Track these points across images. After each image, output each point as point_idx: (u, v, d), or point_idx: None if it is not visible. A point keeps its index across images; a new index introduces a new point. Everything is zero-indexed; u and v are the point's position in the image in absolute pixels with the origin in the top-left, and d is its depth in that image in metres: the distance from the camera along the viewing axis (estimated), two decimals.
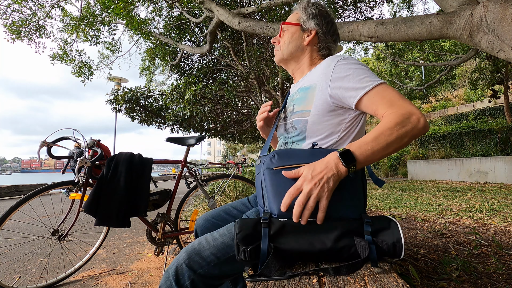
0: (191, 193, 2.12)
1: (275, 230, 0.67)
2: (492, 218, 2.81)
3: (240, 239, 0.66)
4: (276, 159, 0.76)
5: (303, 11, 1.02)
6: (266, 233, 0.66)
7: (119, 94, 7.33)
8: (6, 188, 7.13)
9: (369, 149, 0.67)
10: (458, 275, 1.35)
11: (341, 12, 6.49)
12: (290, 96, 1.02)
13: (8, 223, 1.62)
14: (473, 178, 7.30)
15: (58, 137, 1.78)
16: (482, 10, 1.55)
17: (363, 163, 0.68)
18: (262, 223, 0.68)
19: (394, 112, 0.70)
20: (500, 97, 10.28)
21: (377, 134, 0.68)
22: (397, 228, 0.67)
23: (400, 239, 0.66)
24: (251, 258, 0.65)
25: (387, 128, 0.68)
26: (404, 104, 0.72)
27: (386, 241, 0.66)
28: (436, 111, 17.86)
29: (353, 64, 0.83)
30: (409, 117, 0.69)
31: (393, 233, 0.67)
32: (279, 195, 0.70)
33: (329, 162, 0.67)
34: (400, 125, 0.68)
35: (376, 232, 0.67)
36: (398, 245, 0.65)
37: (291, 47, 1.02)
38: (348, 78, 0.80)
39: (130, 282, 1.88)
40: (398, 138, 0.68)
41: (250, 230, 0.67)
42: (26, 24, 5.72)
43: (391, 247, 0.65)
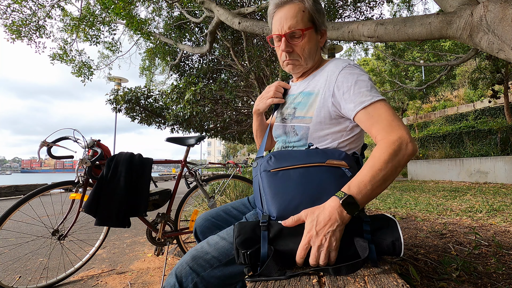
0: (191, 193, 2.12)
1: (274, 232, 0.67)
2: (492, 218, 2.81)
3: (239, 243, 0.66)
4: (272, 161, 0.76)
5: (314, 7, 0.88)
6: (266, 236, 0.66)
7: (119, 94, 7.33)
8: (6, 188, 7.13)
9: (368, 190, 0.66)
10: (458, 275, 1.35)
11: (341, 12, 6.49)
12: (290, 96, 0.99)
13: (8, 223, 1.62)
14: (473, 178, 7.30)
15: (58, 137, 1.78)
16: (482, 10, 1.55)
17: (363, 204, 0.67)
18: (261, 226, 0.67)
19: (386, 141, 0.70)
20: (500, 97, 10.28)
21: (374, 172, 0.66)
22: (396, 227, 0.67)
23: (399, 237, 0.65)
24: (250, 262, 0.65)
25: (382, 162, 0.67)
26: (396, 127, 0.71)
27: (385, 240, 0.66)
28: (436, 111, 17.86)
29: (356, 75, 0.81)
30: (400, 144, 0.68)
31: (392, 232, 0.66)
32: (277, 197, 0.71)
33: (332, 212, 0.64)
34: (393, 155, 0.67)
35: (375, 231, 0.67)
36: (398, 243, 0.65)
37: (312, 53, 0.91)
38: (349, 90, 0.79)
39: (130, 282, 1.88)
40: (393, 170, 0.67)
41: (249, 233, 0.67)
42: (26, 24, 5.72)
43: (391, 246, 0.65)
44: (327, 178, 0.73)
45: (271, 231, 0.67)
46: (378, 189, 0.67)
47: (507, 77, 9.31)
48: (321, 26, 0.91)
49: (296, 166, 0.74)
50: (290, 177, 0.73)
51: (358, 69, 0.84)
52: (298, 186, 0.72)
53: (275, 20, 0.90)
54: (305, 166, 0.74)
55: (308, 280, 0.61)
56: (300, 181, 0.72)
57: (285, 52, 0.90)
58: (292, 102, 0.95)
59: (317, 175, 0.73)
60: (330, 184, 0.71)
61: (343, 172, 0.74)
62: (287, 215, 0.68)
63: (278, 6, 0.89)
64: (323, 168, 0.74)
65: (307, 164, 0.75)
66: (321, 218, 0.64)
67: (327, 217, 0.63)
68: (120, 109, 7.46)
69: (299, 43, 0.88)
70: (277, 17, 0.89)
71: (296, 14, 0.86)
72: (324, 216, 0.64)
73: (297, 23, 0.86)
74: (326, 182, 0.72)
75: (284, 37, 0.88)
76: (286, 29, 0.87)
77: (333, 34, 2.63)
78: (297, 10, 0.86)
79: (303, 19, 0.86)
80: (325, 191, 0.70)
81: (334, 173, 0.74)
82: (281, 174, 0.74)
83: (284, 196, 0.71)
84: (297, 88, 0.97)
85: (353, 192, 0.65)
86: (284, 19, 0.87)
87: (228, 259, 0.76)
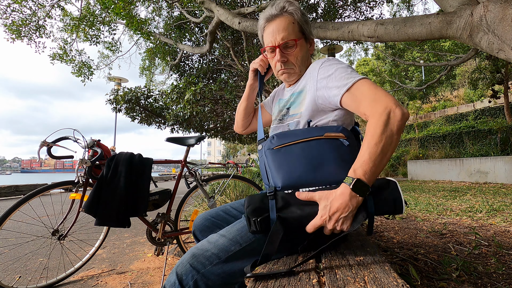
0: (191, 193, 2.12)
1: (281, 202, 0.73)
2: (492, 218, 2.81)
3: (250, 212, 0.72)
4: (275, 140, 0.83)
5: (302, 19, 0.94)
6: (274, 204, 0.72)
7: (119, 94, 7.33)
8: (6, 188, 7.13)
9: (372, 167, 0.68)
10: (458, 275, 1.35)
11: (341, 12, 6.48)
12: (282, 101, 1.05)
13: (8, 223, 1.62)
14: (473, 178, 7.30)
15: (58, 137, 1.78)
16: (482, 10, 1.55)
17: (372, 182, 0.69)
18: (268, 196, 0.74)
19: (374, 115, 0.72)
20: (500, 97, 10.29)
21: (371, 148, 0.69)
22: (396, 187, 0.71)
23: (399, 197, 0.70)
24: (261, 229, 0.71)
25: (376, 136, 0.69)
26: (380, 99, 0.73)
27: (386, 198, 0.70)
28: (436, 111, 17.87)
29: (335, 65, 0.86)
30: (388, 113, 0.70)
31: (392, 192, 0.70)
32: (281, 169, 0.77)
33: (345, 199, 0.67)
34: (383, 125, 0.69)
35: (375, 192, 0.71)
36: (398, 201, 0.69)
37: (304, 61, 0.97)
38: (330, 78, 0.84)
39: (130, 282, 1.87)
40: (388, 140, 0.69)
41: (258, 203, 0.74)
42: (26, 24, 5.71)
43: (391, 203, 0.70)
44: (326, 148, 0.78)
45: (279, 201, 0.73)
46: (381, 163, 0.69)
47: (507, 77, 9.31)
48: (310, 36, 0.98)
49: (297, 141, 0.79)
50: (292, 151, 0.79)
51: (336, 60, 0.89)
52: (300, 158, 0.77)
53: (267, 33, 0.95)
54: (305, 140, 0.79)
55: (308, 280, 0.61)
56: (301, 153, 0.78)
57: (280, 62, 0.95)
58: (285, 105, 1.01)
59: (316, 147, 0.78)
60: (330, 153, 0.76)
61: (340, 142, 0.79)
62: (291, 183, 0.75)
63: (268, 20, 0.94)
64: (322, 140, 0.79)
65: (307, 138, 0.80)
66: (334, 204, 0.68)
67: (340, 204, 0.67)
68: (120, 109, 7.46)
69: (293, 52, 0.94)
70: (269, 30, 0.94)
71: (287, 26, 0.92)
72: (338, 203, 0.68)
73: (289, 34, 0.92)
74: (325, 151, 0.77)
75: (278, 48, 0.93)
76: (280, 40, 0.92)
77: (333, 34, 2.63)
78: (288, 22, 0.92)
79: (294, 30, 0.92)
80: (325, 160, 0.76)
81: (333, 143, 0.78)
82: (284, 149, 0.80)
83: (287, 168, 0.77)
84: (289, 92, 1.03)
85: (359, 174, 0.68)
86: (276, 31, 0.92)
87: (228, 256, 0.77)
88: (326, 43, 7.78)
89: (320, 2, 6.53)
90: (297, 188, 0.75)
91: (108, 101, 7.38)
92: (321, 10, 6.43)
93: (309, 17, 1.00)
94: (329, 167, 0.75)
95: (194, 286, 0.73)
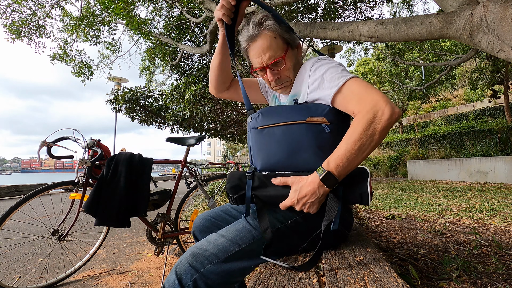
0: (191, 193, 2.12)
1: (258, 182, 0.79)
2: (492, 218, 2.81)
3: (228, 188, 0.81)
4: (260, 119, 0.85)
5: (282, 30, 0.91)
6: (250, 184, 0.79)
7: (119, 94, 7.33)
8: (6, 188, 7.13)
9: (345, 163, 0.70)
10: (458, 275, 1.35)
11: (341, 12, 6.48)
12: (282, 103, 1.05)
13: (8, 223, 1.62)
14: (473, 178, 7.30)
15: (58, 137, 1.78)
16: (482, 10, 1.55)
17: (343, 176, 0.73)
18: (246, 175, 0.80)
19: (361, 112, 0.73)
20: (500, 97, 10.29)
21: (349, 144, 0.71)
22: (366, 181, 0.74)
23: (366, 191, 0.73)
24: (237, 204, 0.81)
25: (357, 133, 0.70)
26: (369, 97, 0.73)
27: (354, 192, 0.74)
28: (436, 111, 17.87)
29: (325, 65, 0.86)
30: (375, 112, 0.70)
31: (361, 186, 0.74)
32: (261, 152, 0.83)
33: (313, 187, 0.72)
34: (367, 124, 0.70)
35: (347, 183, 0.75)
36: (364, 195, 0.73)
37: (296, 69, 0.96)
38: (321, 79, 0.84)
39: (130, 282, 1.87)
40: (368, 139, 0.70)
41: (236, 181, 0.81)
42: (26, 24, 5.71)
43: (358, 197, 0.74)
44: (306, 134, 0.79)
45: (255, 181, 0.79)
46: (355, 160, 0.71)
47: (507, 77, 9.31)
48: (295, 41, 0.96)
49: (279, 124, 0.82)
50: (273, 134, 0.82)
51: (326, 59, 0.89)
52: (280, 143, 0.81)
53: (253, 54, 0.92)
54: (287, 123, 0.81)
55: (308, 280, 0.61)
56: (282, 138, 0.81)
57: (273, 80, 0.94)
58: None
59: (297, 132, 0.80)
60: (308, 141, 0.79)
61: (322, 128, 0.80)
62: (269, 167, 0.82)
63: (249, 40, 0.91)
64: (303, 125, 0.80)
65: (289, 122, 0.81)
66: (303, 190, 0.73)
67: (308, 190, 0.73)
68: (120, 109, 7.46)
69: (283, 68, 0.92)
70: (253, 52, 0.91)
71: (271, 43, 0.88)
72: (306, 189, 0.73)
73: (275, 51, 0.89)
74: (304, 138, 0.79)
75: (268, 68, 0.91)
76: (267, 60, 0.90)
77: (333, 34, 2.63)
78: (270, 39, 0.88)
79: (278, 45, 0.90)
80: (302, 148, 0.79)
81: (314, 130, 0.79)
82: (266, 131, 0.83)
83: (267, 152, 0.82)
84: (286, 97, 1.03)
85: (331, 167, 0.71)
86: (261, 51, 0.89)
87: (227, 256, 0.77)
88: (326, 43, 7.78)
89: (320, 2, 6.53)
90: (274, 171, 0.81)
91: (108, 101, 7.39)
92: (321, 10, 6.43)
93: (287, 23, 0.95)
94: (305, 154, 0.79)
95: (194, 285, 0.73)
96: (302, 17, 6.39)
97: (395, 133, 19.00)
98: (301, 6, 6.25)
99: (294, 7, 6.21)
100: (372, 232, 2.26)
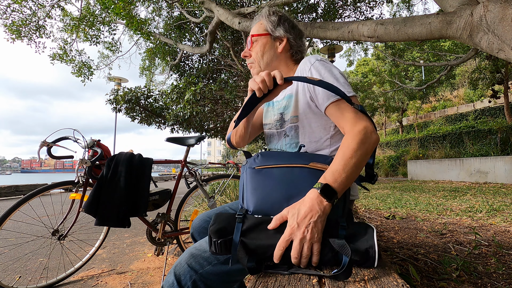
0: (191, 193, 2.12)
1: (248, 225, 0.68)
2: (492, 218, 2.80)
3: (213, 231, 0.68)
4: (259, 159, 0.80)
5: (267, 19, 1.03)
6: (240, 227, 0.68)
7: (119, 94, 7.33)
8: (6, 188, 7.13)
9: (343, 177, 0.69)
10: (458, 275, 1.35)
11: (341, 12, 6.48)
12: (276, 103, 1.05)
13: (8, 223, 1.62)
14: (473, 178, 7.30)
15: (58, 137, 1.78)
16: (482, 10, 1.55)
17: (341, 192, 0.69)
18: (236, 218, 0.70)
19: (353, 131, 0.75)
20: (500, 97, 10.28)
21: (345, 160, 0.71)
22: (372, 235, 0.66)
23: (373, 245, 0.64)
24: (221, 251, 0.67)
25: (352, 151, 0.72)
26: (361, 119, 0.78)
27: (359, 247, 0.64)
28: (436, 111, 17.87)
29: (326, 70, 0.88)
30: (366, 133, 0.74)
31: (367, 240, 0.65)
32: (256, 192, 0.74)
33: (312, 203, 0.65)
34: (360, 143, 0.73)
35: (350, 238, 0.66)
36: (371, 251, 0.63)
37: (266, 57, 1.02)
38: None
39: (130, 282, 1.87)
40: (362, 157, 0.72)
41: (224, 223, 0.69)
42: (26, 24, 5.71)
43: (364, 254, 0.63)
44: (307, 179, 0.73)
45: (245, 224, 0.68)
46: (351, 176, 0.70)
47: (507, 77, 9.31)
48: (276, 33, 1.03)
49: (280, 165, 0.77)
50: (272, 175, 0.76)
51: (326, 63, 0.91)
52: (278, 184, 0.74)
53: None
54: (289, 166, 0.76)
55: (308, 280, 0.61)
56: (281, 180, 0.74)
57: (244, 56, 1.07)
58: (278, 109, 1.03)
59: (298, 176, 0.74)
60: (310, 187, 0.71)
61: None
62: (263, 210, 0.72)
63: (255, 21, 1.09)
64: (306, 169, 0.75)
65: (290, 164, 0.76)
66: (302, 210, 0.65)
67: (308, 208, 0.65)
68: (120, 109, 7.45)
69: (254, 48, 1.04)
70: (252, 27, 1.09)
71: (257, 27, 1.06)
72: (305, 208, 0.65)
73: (256, 30, 1.05)
74: (305, 183, 0.72)
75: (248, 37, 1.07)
76: (251, 33, 1.06)
77: (333, 34, 2.63)
78: (258, 25, 1.06)
79: (258, 30, 1.04)
80: (302, 192, 0.70)
81: (316, 175, 0.73)
82: (264, 171, 0.77)
83: (263, 192, 0.74)
84: (280, 94, 1.04)
85: (329, 180, 0.68)
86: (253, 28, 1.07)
87: (227, 257, 0.76)
88: (326, 43, 7.78)
89: (320, 2, 6.53)
90: (268, 215, 0.71)
91: (108, 101, 7.38)
92: (321, 10, 6.43)
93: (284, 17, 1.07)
94: None
95: (193, 286, 0.73)
96: (302, 17, 6.39)
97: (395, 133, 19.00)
98: (301, 6, 6.25)
99: (294, 7, 6.21)
100: None
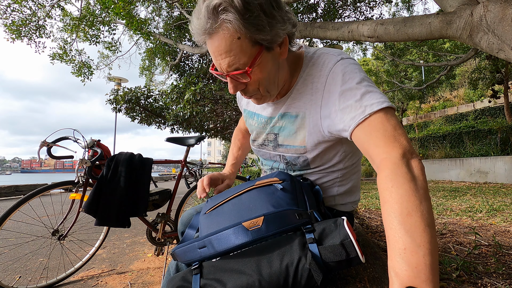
0: (191, 193, 2.12)
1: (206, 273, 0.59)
2: (492, 218, 2.81)
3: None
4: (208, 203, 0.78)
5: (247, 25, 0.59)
6: (198, 279, 0.58)
7: (119, 94, 7.33)
8: (6, 188, 7.12)
9: (424, 258, 0.41)
10: (458, 275, 1.35)
11: (341, 12, 6.49)
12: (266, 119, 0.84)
13: (8, 223, 1.62)
14: (473, 178, 7.30)
15: (58, 137, 1.78)
16: (482, 10, 1.55)
17: (436, 283, 0.41)
18: (192, 270, 0.61)
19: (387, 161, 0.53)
20: (500, 97, 10.28)
21: (412, 228, 0.44)
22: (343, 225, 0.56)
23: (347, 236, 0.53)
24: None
25: (409, 202, 0.47)
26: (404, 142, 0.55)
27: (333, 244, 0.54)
28: (436, 111, 17.87)
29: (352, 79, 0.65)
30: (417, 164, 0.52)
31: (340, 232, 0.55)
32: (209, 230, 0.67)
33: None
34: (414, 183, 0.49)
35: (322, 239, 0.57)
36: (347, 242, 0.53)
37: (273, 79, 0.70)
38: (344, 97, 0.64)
39: (130, 282, 1.87)
40: (426, 201, 0.47)
41: (179, 283, 0.60)
42: (26, 24, 5.72)
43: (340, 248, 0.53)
44: (256, 198, 0.67)
45: (204, 273, 0.60)
46: (431, 244, 0.43)
47: (507, 77, 9.31)
48: (275, 38, 0.64)
49: (227, 199, 0.73)
50: (222, 210, 0.71)
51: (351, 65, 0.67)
52: (230, 215, 0.67)
53: (210, 51, 0.65)
54: (236, 195, 0.72)
55: None
56: (232, 209, 0.69)
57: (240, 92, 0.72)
58: (272, 127, 0.83)
59: (246, 199, 0.69)
60: (261, 202, 0.65)
61: (274, 188, 0.68)
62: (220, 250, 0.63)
63: (205, 33, 0.61)
64: (253, 190, 0.71)
65: (238, 192, 0.72)
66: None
67: None
68: (120, 109, 7.46)
69: (249, 82, 0.67)
70: (210, 49, 0.63)
71: (231, 45, 0.60)
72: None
73: (236, 58, 0.61)
74: (256, 200, 0.67)
75: (228, 77, 0.66)
76: (226, 67, 0.64)
77: (333, 34, 2.63)
78: (229, 40, 0.59)
79: (242, 49, 0.61)
80: (254, 209, 0.64)
81: (265, 191, 0.68)
82: (215, 211, 0.72)
83: (216, 228, 0.65)
84: (275, 110, 0.81)
85: (410, 277, 0.41)
86: (218, 55, 0.62)
87: None
88: (326, 43, 7.78)
89: (320, 2, 6.53)
90: (227, 253, 0.61)
91: (108, 101, 7.39)
92: (321, 10, 6.44)
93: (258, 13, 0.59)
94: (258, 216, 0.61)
95: None
96: (302, 17, 6.39)
97: None
98: (301, 6, 6.26)
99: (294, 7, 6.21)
100: (372, 232, 2.26)
